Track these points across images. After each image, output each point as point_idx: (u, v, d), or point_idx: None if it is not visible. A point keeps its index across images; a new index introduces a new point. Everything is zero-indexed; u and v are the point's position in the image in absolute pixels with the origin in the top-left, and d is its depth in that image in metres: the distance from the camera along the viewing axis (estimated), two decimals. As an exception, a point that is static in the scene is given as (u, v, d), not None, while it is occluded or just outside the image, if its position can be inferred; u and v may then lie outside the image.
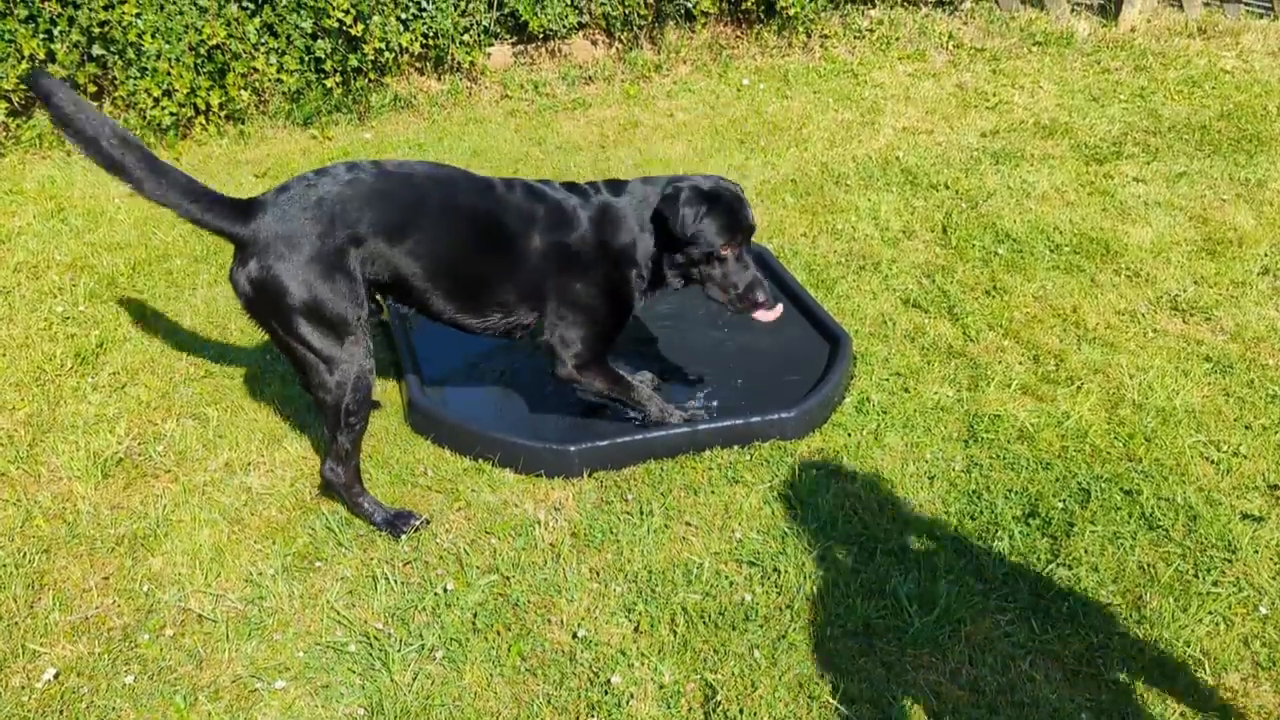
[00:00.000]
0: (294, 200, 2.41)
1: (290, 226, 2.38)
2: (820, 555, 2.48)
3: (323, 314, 2.40)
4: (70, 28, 4.54)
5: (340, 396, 2.46)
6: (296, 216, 2.39)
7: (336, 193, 2.44)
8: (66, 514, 2.60)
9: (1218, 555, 2.48)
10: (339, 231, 2.42)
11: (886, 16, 6.18)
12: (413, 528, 2.55)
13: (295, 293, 2.37)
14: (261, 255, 2.37)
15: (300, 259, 2.37)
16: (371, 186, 2.49)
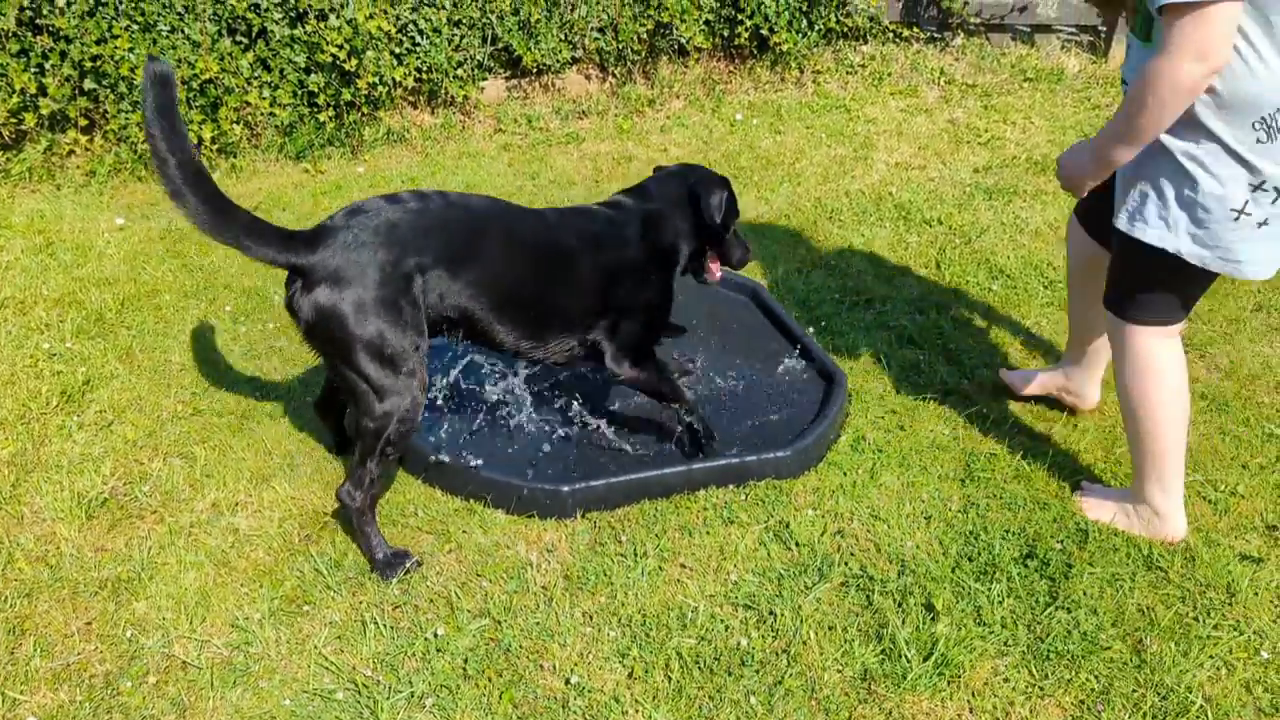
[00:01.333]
0: (363, 227, 2.39)
1: (359, 254, 2.36)
2: (817, 598, 2.45)
3: (384, 345, 2.38)
4: (62, 62, 4.53)
5: (384, 425, 2.43)
6: (367, 243, 2.37)
7: (407, 220, 2.43)
8: (49, 557, 2.55)
9: (1217, 597, 2.46)
10: (408, 260, 2.41)
11: (879, 52, 6.22)
12: (405, 570, 2.51)
13: (358, 322, 2.35)
14: (328, 283, 2.34)
15: (368, 288, 2.35)
16: (440, 215, 2.50)
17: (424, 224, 2.46)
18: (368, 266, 2.36)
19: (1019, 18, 6.25)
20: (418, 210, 2.47)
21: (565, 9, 5.53)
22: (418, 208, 2.48)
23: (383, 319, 2.36)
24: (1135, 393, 2.55)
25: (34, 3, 4.43)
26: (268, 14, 4.81)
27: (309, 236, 2.38)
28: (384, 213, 2.43)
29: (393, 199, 2.49)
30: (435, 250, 2.46)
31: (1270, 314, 3.67)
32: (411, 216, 2.45)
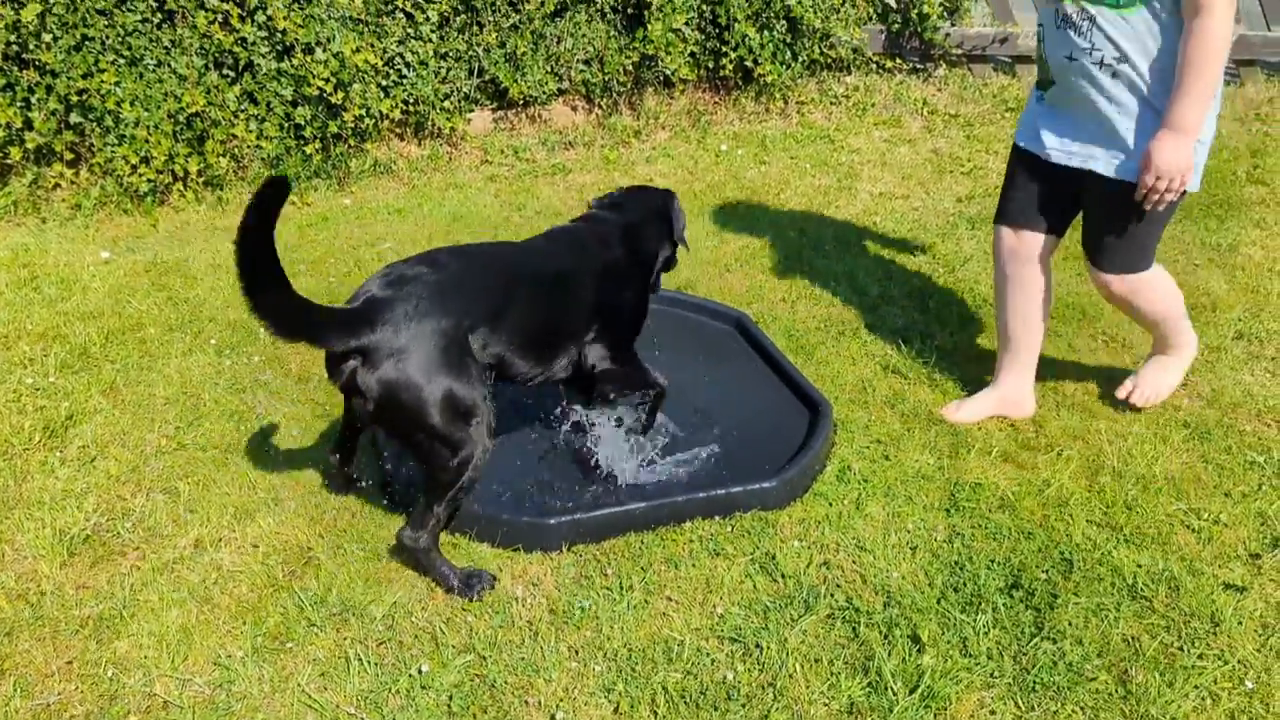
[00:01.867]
0: (416, 296, 2.39)
1: (420, 325, 2.37)
2: (803, 631, 2.44)
3: (457, 404, 2.40)
4: (48, 96, 4.54)
5: (459, 475, 2.46)
6: (426, 312, 2.38)
7: (452, 283, 2.47)
8: (30, 594, 2.53)
9: (1201, 627, 2.46)
10: (464, 322, 2.45)
11: (862, 83, 6.28)
12: (486, 587, 2.55)
13: (431, 389, 2.37)
14: (395, 357, 2.34)
15: (434, 356, 2.37)
16: (478, 273, 2.57)
17: (468, 284, 2.52)
18: (430, 335, 2.37)
19: (1000, 49, 6.32)
20: (460, 271, 2.52)
21: (551, 41, 5.58)
22: (458, 269, 2.52)
23: (452, 380, 2.39)
24: (1165, 311, 3.08)
25: (20, 37, 4.44)
26: (254, 48, 4.83)
27: (362, 314, 2.37)
28: (427, 278, 2.45)
29: (430, 261, 2.52)
30: (482, 308, 2.52)
31: (1251, 342, 3.70)
32: (454, 278, 2.49)
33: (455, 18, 5.34)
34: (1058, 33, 2.83)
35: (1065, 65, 2.84)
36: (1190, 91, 2.61)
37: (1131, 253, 2.89)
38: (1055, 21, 2.83)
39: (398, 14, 5.16)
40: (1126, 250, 2.89)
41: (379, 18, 5.10)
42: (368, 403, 2.39)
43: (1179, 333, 3.18)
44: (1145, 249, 2.90)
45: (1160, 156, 2.67)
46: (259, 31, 4.82)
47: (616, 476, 2.96)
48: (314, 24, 4.87)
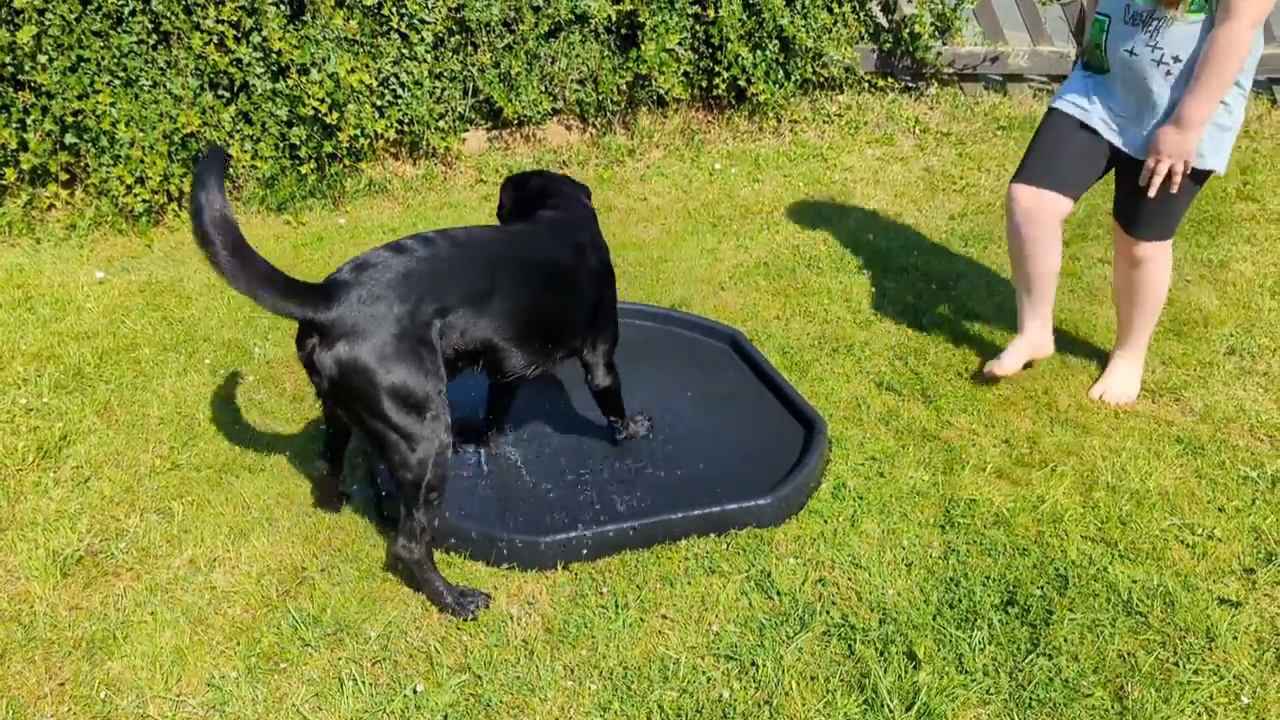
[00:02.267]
0: (375, 280, 2.41)
1: (374, 308, 2.38)
2: (799, 648, 2.44)
3: (408, 393, 2.40)
4: (44, 116, 4.55)
5: (422, 474, 2.45)
6: (381, 296, 2.39)
7: (417, 269, 2.47)
8: (23, 616, 2.52)
9: (1197, 642, 2.46)
10: (424, 308, 2.45)
11: (855, 101, 6.32)
12: (480, 606, 2.55)
13: (382, 372, 2.37)
14: (348, 338, 2.36)
15: (387, 340, 2.38)
16: (451, 257, 2.56)
17: (436, 269, 2.51)
18: (384, 319, 2.38)
19: (991, 68, 6.37)
20: (427, 257, 2.51)
21: (545, 61, 5.61)
22: (426, 254, 2.52)
23: (405, 367, 2.39)
24: (1165, 280, 3.38)
25: (16, 58, 4.46)
26: (250, 68, 4.85)
27: (324, 291, 2.40)
28: (393, 264, 2.46)
29: (398, 248, 2.52)
30: (456, 293, 2.52)
31: (1243, 357, 3.72)
32: (422, 264, 2.49)
33: (450, 38, 5.37)
34: (1125, 28, 3.05)
35: (1125, 59, 3.07)
36: (1204, 89, 2.88)
37: (1166, 222, 3.23)
38: (1125, 16, 3.04)
39: (392, 35, 5.19)
40: (1162, 220, 3.21)
41: (374, 38, 5.13)
42: (323, 380, 2.42)
43: (1151, 326, 3.49)
44: (1176, 219, 3.25)
45: (1165, 145, 2.97)
46: (254, 52, 4.84)
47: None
48: (309, 45, 4.89)
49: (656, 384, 3.54)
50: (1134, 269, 3.34)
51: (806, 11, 5.90)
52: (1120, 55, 3.07)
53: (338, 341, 2.36)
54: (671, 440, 3.23)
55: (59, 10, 4.45)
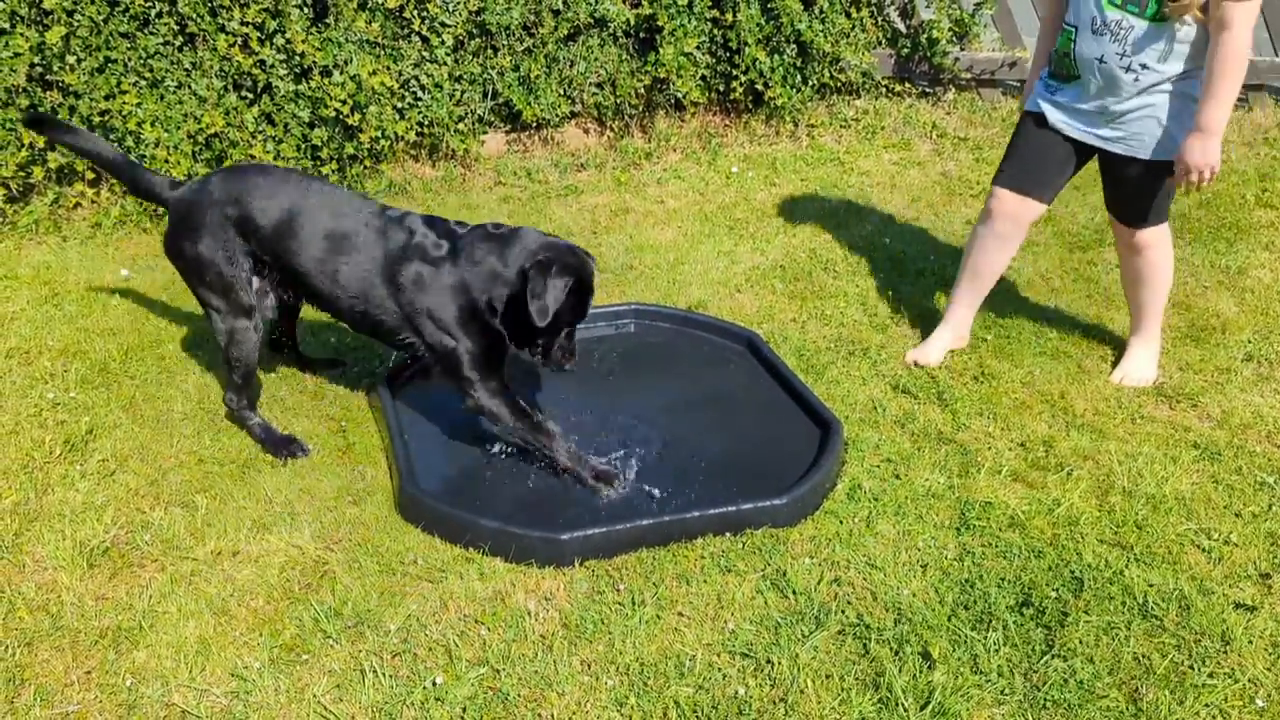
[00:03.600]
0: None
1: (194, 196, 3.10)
2: (814, 646, 2.46)
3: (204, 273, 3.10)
4: (71, 116, 4.62)
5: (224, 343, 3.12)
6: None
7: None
8: (50, 605, 2.56)
9: (1212, 646, 2.47)
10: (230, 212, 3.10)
11: (872, 106, 6.33)
12: (291, 455, 3.11)
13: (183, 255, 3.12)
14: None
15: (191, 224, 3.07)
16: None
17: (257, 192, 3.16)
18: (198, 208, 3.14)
19: (1009, 73, 6.37)
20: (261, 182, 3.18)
21: (564, 65, 5.65)
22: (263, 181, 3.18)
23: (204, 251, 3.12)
24: (1170, 262, 3.52)
25: (45, 59, 4.53)
26: (273, 70, 4.91)
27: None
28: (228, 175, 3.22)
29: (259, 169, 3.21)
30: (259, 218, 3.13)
31: (1260, 364, 3.72)
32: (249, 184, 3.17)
33: (470, 41, 5.41)
34: (1093, 37, 3.13)
35: (1095, 66, 3.16)
36: (1218, 97, 2.97)
37: (1158, 209, 3.37)
38: (1092, 26, 3.12)
39: (414, 38, 5.23)
40: (1154, 208, 3.36)
41: (395, 41, 5.18)
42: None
43: (1162, 307, 3.62)
44: (1168, 203, 3.40)
45: (1192, 157, 3.05)
46: (278, 54, 4.89)
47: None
48: (332, 47, 4.95)
49: (673, 385, 3.57)
50: (1137, 256, 3.48)
51: (824, 16, 5.92)
52: (1090, 63, 3.17)
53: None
54: (688, 441, 3.26)
55: (87, 12, 4.52)
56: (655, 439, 3.25)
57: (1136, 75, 3.10)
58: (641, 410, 3.38)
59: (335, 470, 3.12)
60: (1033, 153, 3.46)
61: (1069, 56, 3.23)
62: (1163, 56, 3.06)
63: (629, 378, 3.59)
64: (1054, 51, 3.32)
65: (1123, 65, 3.10)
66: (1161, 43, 3.04)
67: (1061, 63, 3.28)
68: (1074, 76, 3.26)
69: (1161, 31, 3.02)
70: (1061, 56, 3.27)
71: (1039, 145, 3.43)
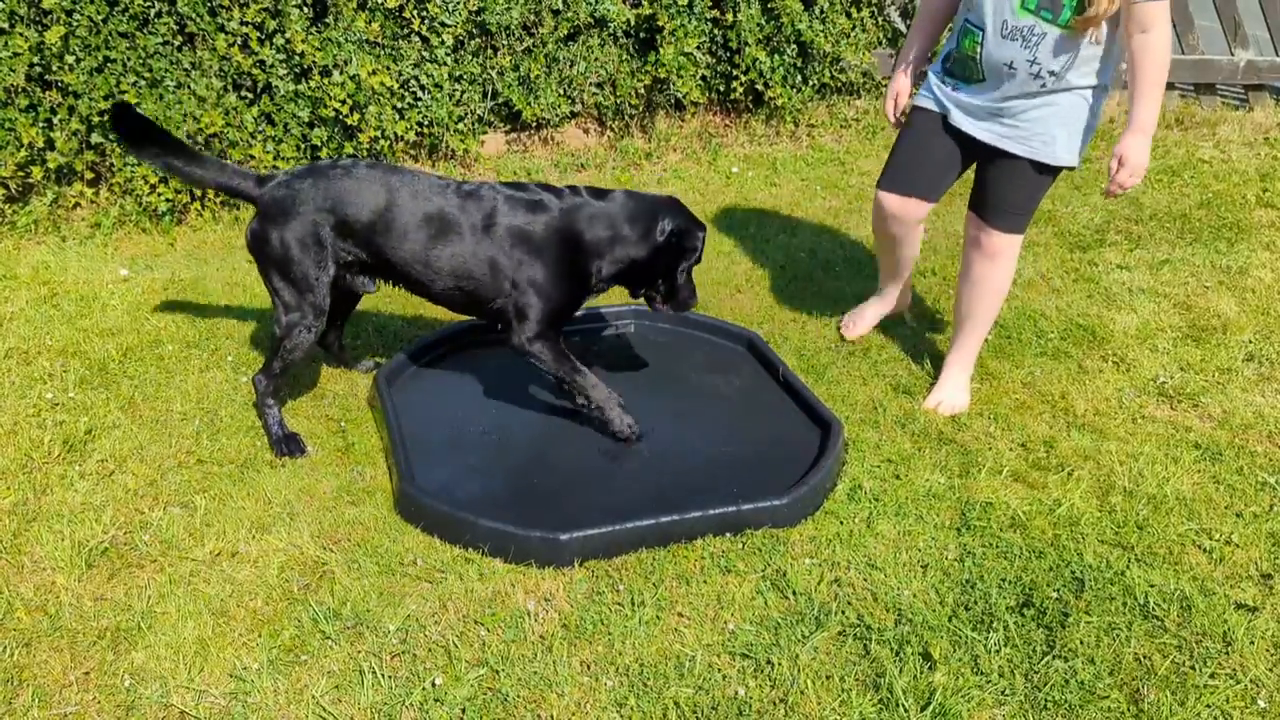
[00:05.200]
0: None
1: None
2: (814, 647, 2.45)
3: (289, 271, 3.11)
4: (70, 116, 4.61)
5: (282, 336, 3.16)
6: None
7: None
8: (49, 606, 2.56)
9: (1213, 646, 2.46)
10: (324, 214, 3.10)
11: (872, 106, 6.33)
12: (289, 454, 3.15)
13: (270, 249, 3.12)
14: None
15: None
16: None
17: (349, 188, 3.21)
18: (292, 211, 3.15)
19: (1009, 73, 6.37)
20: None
21: (564, 65, 5.64)
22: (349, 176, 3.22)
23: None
24: (1003, 286, 3.43)
25: (44, 59, 4.52)
26: (273, 70, 4.90)
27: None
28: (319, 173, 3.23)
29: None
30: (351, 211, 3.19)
31: (1261, 364, 3.71)
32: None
33: (470, 41, 5.41)
34: (1003, 41, 3.03)
35: (1002, 70, 3.07)
36: (1150, 96, 2.97)
37: (1023, 216, 3.32)
38: (1002, 31, 3.02)
39: (413, 37, 5.23)
40: (1022, 214, 3.31)
41: (395, 41, 5.17)
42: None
43: (985, 331, 3.54)
44: (1032, 211, 3.34)
45: (1134, 156, 3.01)
46: (277, 54, 4.88)
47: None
48: (332, 47, 4.94)
49: (673, 385, 3.56)
50: (986, 261, 3.37)
51: (825, 16, 5.92)
52: (999, 68, 3.07)
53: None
54: (688, 441, 3.25)
55: (87, 11, 4.51)
56: (655, 439, 3.24)
57: (1045, 82, 3.02)
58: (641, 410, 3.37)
59: (334, 470, 3.11)
60: (913, 151, 3.43)
61: (975, 60, 3.12)
62: (1073, 64, 2.99)
63: (629, 378, 3.58)
64: (954, 51, 3.22)
65: (1032, 72, 3.01)
66: (1073, 51, 2.96)
67: (966, 65, 3.17)
68: (979, 79, 3.16)
69: (1074, 39, 2.94)
70: (966, 59, 3.16)
71: (921, 143, 3.39)
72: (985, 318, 3.48)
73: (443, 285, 3.14)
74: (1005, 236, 3.31)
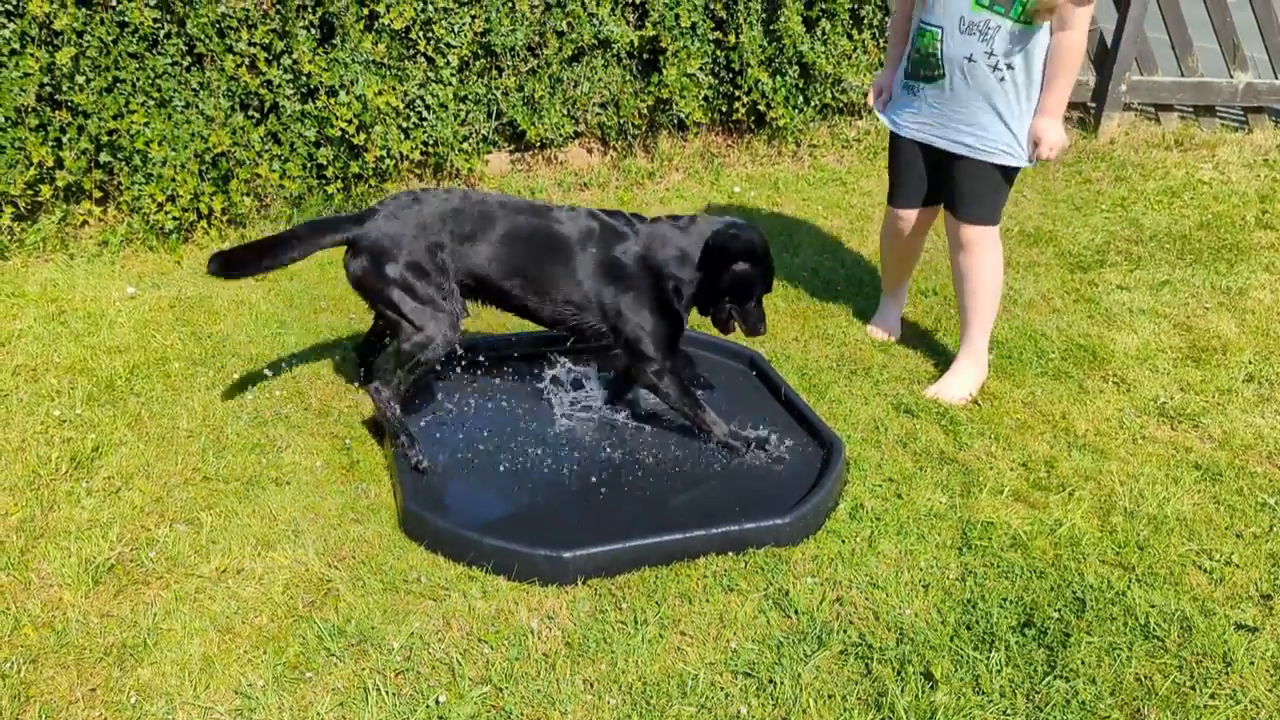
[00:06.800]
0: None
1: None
2: (816, 666, 2.47)
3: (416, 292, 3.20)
4: (79, 136, 4.66)
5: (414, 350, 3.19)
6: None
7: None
8: (55, 622, 2.57)
9: (1214, 667, 2.47)
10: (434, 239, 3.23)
11: (874, 127, 6.37)
12: (417, 458, 3.13)
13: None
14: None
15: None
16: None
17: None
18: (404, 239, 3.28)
19: (1010, 95, 6.42)
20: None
21: (568, 85, 5.69)
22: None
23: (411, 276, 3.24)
24: (995, 270, 3.64)
25: (54, 79, 4.56)
26: (280, 90, 4.95)
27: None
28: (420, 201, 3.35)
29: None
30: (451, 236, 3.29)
31: (1262, 384, 3.73)
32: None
33: (475, 62, 5.46)
34: (961, 36, 3.34)
35: (963, 64, 3.37)
36: (1064, 86, 3.32)
37: (992, 205, 3.56)
38: (960, 26, 3.33)
39: (419, 58, 5.28)
40: (991, 205, 3.56)
41: (401, 62, 5.22)
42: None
43: (988, 322, 3.72)
44: (1000, 203, 3.59)
45: (1052, 136, 3.37)
46: (285, 74, 4.93)
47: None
48: (338, 68, 4.99)
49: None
50: (966, 254, 3.63)
51: (826, 38, 5.98)
52: (959, 62, 3.37)
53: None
54: (690, 459, 3.27)
55: (97, 32, 4.56)
56: (658, 457, 3.26)
57: (1002, 75, 3.32)
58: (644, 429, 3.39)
59: (339, 488, 3.13)
60: (909, 168, 3.74)
61: (935, 55, 3.41)
62: (1026, 57, 3.30)
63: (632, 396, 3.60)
64: (912, 52, 3.53)
65: (990, 64, 3.31)
66: (1025, 44, 3.27)
67: (925, 62, 3.46)
68: (938, 76, 3.44)
69: (1027, 33, 3.26)
70: (925, 56, 3.45)
71: (911, 160, 3.71)
72: (977, 311, 3.67)
73: (547, 306, 3.25)
74: (974, 228, 3.56)
